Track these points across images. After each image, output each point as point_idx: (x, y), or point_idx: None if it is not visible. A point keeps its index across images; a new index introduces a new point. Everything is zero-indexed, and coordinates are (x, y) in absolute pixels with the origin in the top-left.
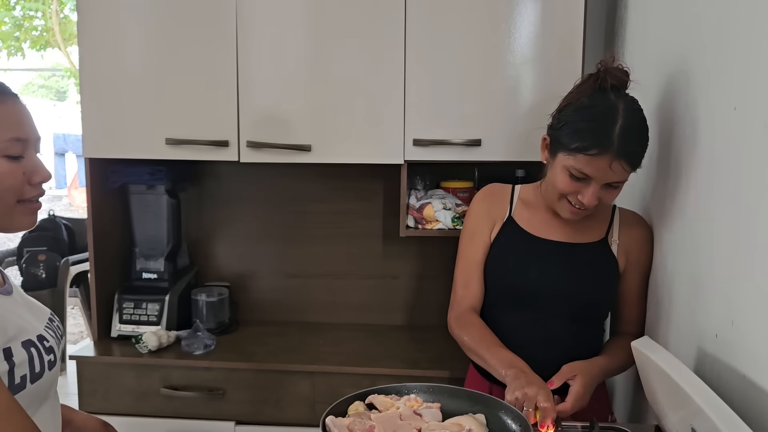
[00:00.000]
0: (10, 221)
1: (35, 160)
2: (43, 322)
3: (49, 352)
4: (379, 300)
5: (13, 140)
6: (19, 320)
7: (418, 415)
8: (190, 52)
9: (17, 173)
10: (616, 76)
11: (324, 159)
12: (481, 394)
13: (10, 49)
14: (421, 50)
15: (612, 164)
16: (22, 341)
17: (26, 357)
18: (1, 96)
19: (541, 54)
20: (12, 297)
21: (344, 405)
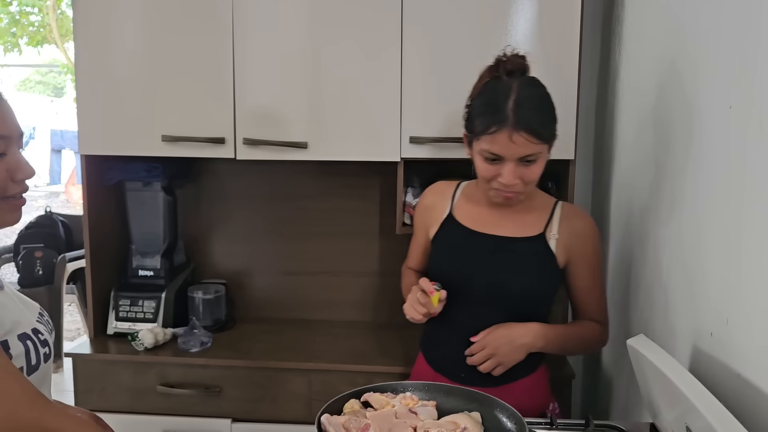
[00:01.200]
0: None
1: (18, 157)
2: (34, 315)
3: (44, 344)
4: (375, 297)
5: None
6: (14, 314)
7: (413, 413)
8: (187, 49)
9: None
10: (514, 62)
11: (320, 156)
12: (476, 392)
13: (7, 45)
14: (417, 47)
15: (513, 137)
16: (18, 334)
17: (23, 350)
18: None
19: (538, 51)
20: (4, 291)
21: (339, 403)
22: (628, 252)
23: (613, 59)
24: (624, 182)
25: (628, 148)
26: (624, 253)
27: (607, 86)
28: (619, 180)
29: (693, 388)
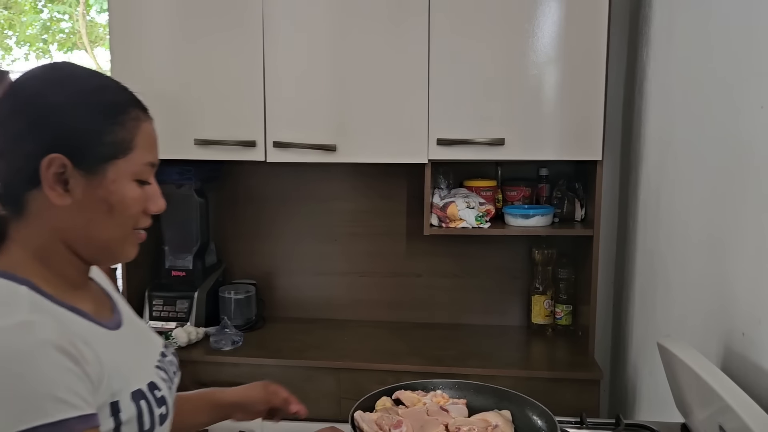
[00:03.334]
0: (121, 250)
1: (156, 188)
2: (153, 359)
3: (160, 403)
4: (403, 298)
5: (148, 165)
6: (127, 365)
7: (444, 410)
8: (218, 55)
9: (141, 200)
10: None
11: (349, 159)
12: (506, 390)
13: (38, 51)
14: (444, 50)
15: None
16: (132, 391)
17: (135, 412)
18: (143, 113)
19: (565, 53)
20: (119, 332)
21: (371, 400)
22: (657, 252)
23: (640, 59)
24: (652, 183)
25: (656, 149)
26: (653, 254)
27: (634, 86)
28: (647, 181)
29: (727, 387)
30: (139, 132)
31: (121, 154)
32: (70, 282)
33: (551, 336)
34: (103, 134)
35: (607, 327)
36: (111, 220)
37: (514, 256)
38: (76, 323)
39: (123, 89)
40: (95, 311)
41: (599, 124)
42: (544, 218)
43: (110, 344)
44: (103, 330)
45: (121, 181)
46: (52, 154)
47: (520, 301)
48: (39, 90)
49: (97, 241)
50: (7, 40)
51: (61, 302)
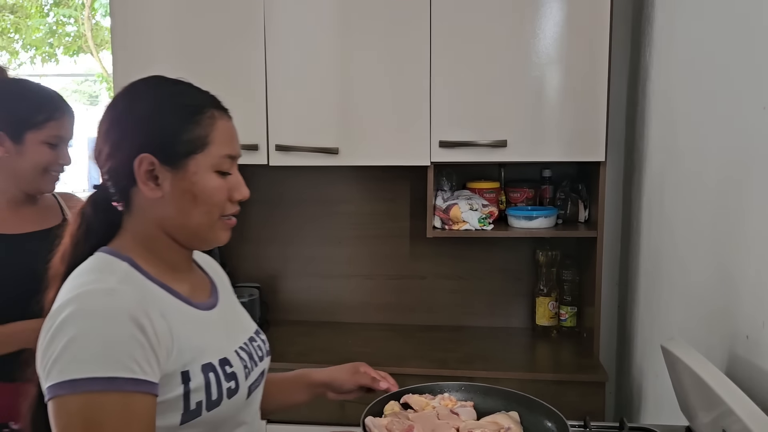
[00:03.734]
0: (211, 235)
1: (238, 178)
2: (237, 341)
3: (230, 378)
4: (407, 300)
5: (225, 157)
6: (204, 341)
7: (454, 413)
8: (220, 59)
9: (224, 189)
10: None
11: (351, 161)
12: (514, 392)
13: (44, 55)
14: (446, 52)
15: None
16: (203, 364)
17: (203, 382)
18: (219, 111)
19: (567, 54)
20: (208, 313)
21: (380, 405)
22: (661, 254)
23: (643, 60)
24: (656, 184)
25: (660, 150)
26: (657, 255)
27: (638, 87)
28: (651, 181)
29: (730, 390)
30: (215, 128)
31: (199, 149)
32: (169, 265)
33: (556, 338)
34: (181, 133)
35: (612, 329)
36: (197, 208)
37: (517, 258)
38: (161, 298)
39: (200, 92)
40: (189, 292)
41: (602, 125)
42: (548, 220)
43: (192, 321)
44: (190, 308)
45: (201, 173)
46: (142, 154)
47: (525, 303)
48: (130, 102)
49: (189, 228)
50: (14, 44)
51: (154, 279)
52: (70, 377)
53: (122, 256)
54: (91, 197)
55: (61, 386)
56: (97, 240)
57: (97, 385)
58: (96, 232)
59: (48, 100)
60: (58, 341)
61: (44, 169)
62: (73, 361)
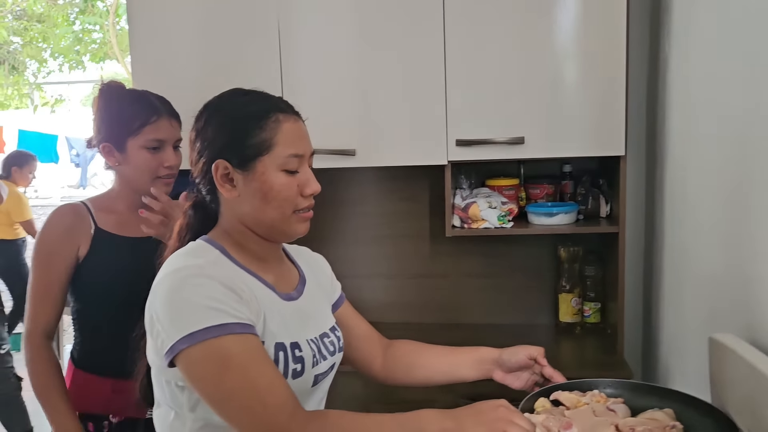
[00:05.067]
0: (288, 229)
1: (308, 174)
2: (310, 333)
3: (297, 361)
4: (429, 299)
5: (291, 156)
6: (282, 324)
7: (611, 410)
8: (236, 61)
9: (292, 186)
10: None
11: (368, 162)
12: (665, 388)
13: (72, 62)
14: (461, 50)
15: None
16: (276, 342)
17: (273, 357)
18: (284, 114)
19: (584, 48)
20: (288, 303)
21: (530, 402)
22: (685, 247)
23: (663, 51)
24: (677, 177)
25: (682, 143)
26: (681, 249)
27: (657, 79)
28: (672, 174)
29: None
30: (279, 131)
31: (265, 151)
32: (255, 255)
33: (580, 334)
34: (248, 138)
35: (637, 324)
36: (268, 204)
37: (539, 255)
38: (248, 279)
39: (267, 99)
40: (274, 282)
41: (621, 119)
42: (568, 216)
43: (274, 306)
44: (274, 294)
45: (268, 173)
46: (218, 160)
47: (547, 299)
48: (208, 115)
49: (264, 223)
50: (43, 53)
51: (243, 266)
52: (186, 332)
53: (215, 244)
54: (193, 198)
55: (182, 341)
56: (195, 235)
57: (212, 333)
58: (195, 228)
59: (143, 104)
60: (162, 316)
61: (150, 174)
62: (184, 320)
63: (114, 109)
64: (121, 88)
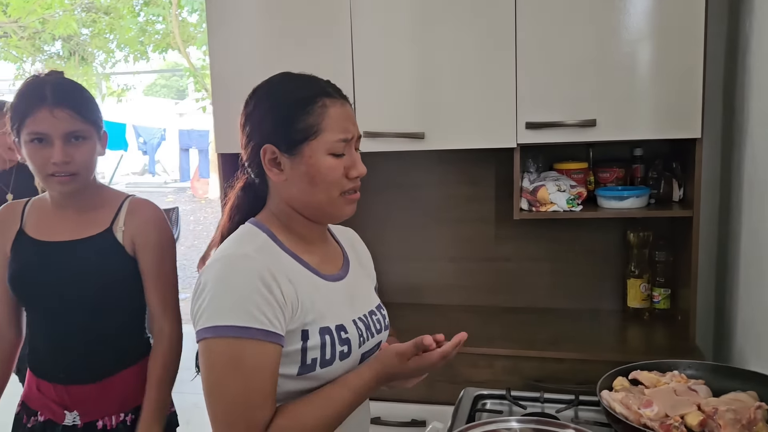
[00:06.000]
0: (335, 211)
1: (354, 157)
2: (356, 312)
3: (343, 343)
4: (493, 283)
5: (339, 141)
6: (325, 307)
7: (693, 390)
8: (309, 50)
9: (339, 169)
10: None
11: (437, 146)
12: (748, 371)
13: (136, 53)
14: (532, 31)
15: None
16: (321, 327)
17: (319, 342)
18: (331, 99)
19: (660, 28)
20: (333, 284)
21: (608, 380)
22: (762, 234)
23: (742, 30)
24: (757, 160)
25: (761, 125)
26: (757, 234)
27: (737, 59)
28: (752, 158)
29: None
30: (326, 116)
31: (312, 136)
32: (302, 237)
33: (648, 320)
34: (295, 123)
35: (710, 311)
36: (315, 187)
37: (607, 239)
38: (291, 266)
39: (314, 83)
40: (319, 263)
41: (698, 101)
42: (640, 199)
43: (317, 288)
44: (317, 277)
45: (316, 157)
46: (266, 144)
47: (615, 285)
48: (258, 100)
49: (311, 205)
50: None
51: (287, 249)
52: (213, 324)
53: (263, 228)
54: (243, 180)
55: (207, 331)
56: (245, 215)
57: (235, 332)
58: (245, 209)
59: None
60: (205, 295)
61: (38, 171)
62: (215, 311)
63: (15, 101)
64: (32, 78)
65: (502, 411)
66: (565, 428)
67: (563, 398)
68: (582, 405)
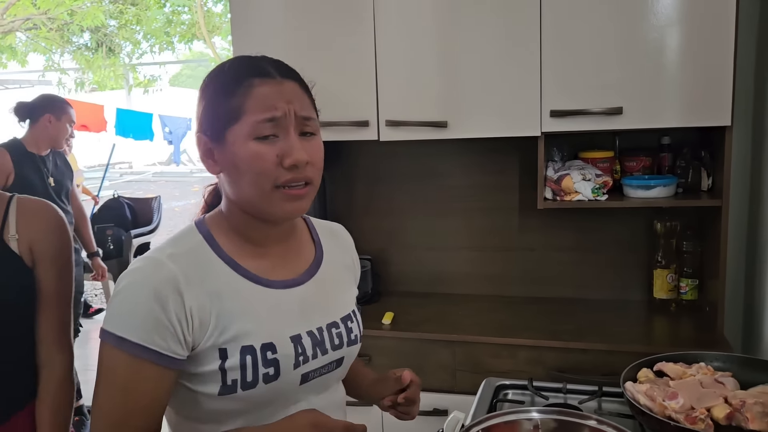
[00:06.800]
0: (270, 208)
1: (289, 142)
2: (311, 324)
3: (269, 364)
4: (516, 272)
5: (262, 121)
6: (256, 321)
7: (720, 383)
8: (332, 39)
9: (266, 157)
10: None
11: (460, 134)
12: None
13: (162, 44)
14: (557, 17)
15: None
16: (243, 345)
17: (238, 363)
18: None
19: (688, 14)
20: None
21: (633, 372)
22: None
23: None
24: None
25: None
26: None
27: None
28: None
29: None
30: (250, 96)
31: (234, 120)
32: (248, 239)
33: (675, 311)
34: (218, 107)
35: (738, 303)
36: (242, 179)
37: (633, 229)
38: (219, 275)
39: (246, 65)
40: (267, 269)
41: (728, 88)
42: (667, 189)
43: (248, 300)
44: (254, 287)
45: (238, 143)
46: (198, 134)
47: (641, 275)
48: (200, 90)
49: (246, 201)
50: (136, 35)
51: (223, 254)
52: (104, 326)
53: (203, 228)
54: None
55: (101, 331)
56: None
57: (113, 340)
58: (210, 210)
59: None
60: (113, 295)
61: None
62: (109, 315)
63: None
64: None
65: (523, 401)
66: (587, 419)
67: (586, 389)
68: (605, 396)
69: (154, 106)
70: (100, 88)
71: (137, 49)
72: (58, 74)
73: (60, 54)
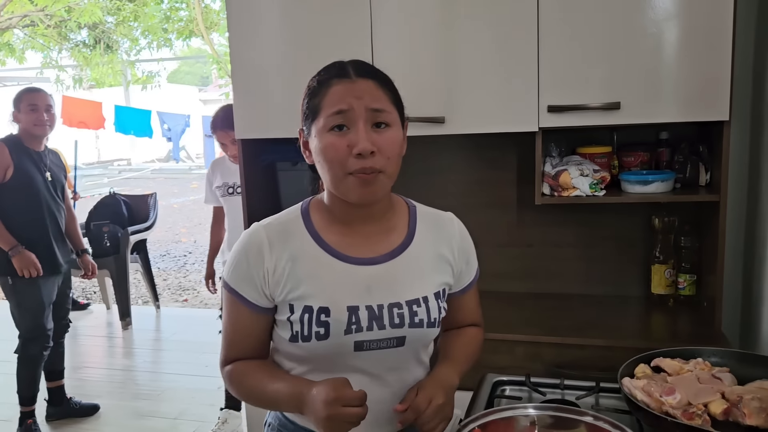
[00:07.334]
0: (345, 192)
1: (357, 133)
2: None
3: (321, 325)
4: (515, 268)
5: (334, 114)
6: (322, 287)
7: (717, 378)
8: (329, 35)
9: (339, 146)
10: None
11: (458, 130)
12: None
13: (159, 40)
14: (554, 11)
15: None
16: (305, 305)
17: (299, 318)
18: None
19: (686, 9)
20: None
21: (629, 367)
22: None
23: None
24: None
25: None
26: None
27: (766, 38)
28: None
29: None
30: (327, 94)
31: (314, 115)
32: (337, 218)
33: (673, 307)
34: (307, 105)
35: (736, 298)
36: (324, 167)
37: (631, 224)
38: (302, 244)
39: (329, 68)
40: (348, 245)
41: (726, 82)
42: (665, 184)
43: (321, 269)
44: (331, 258)
45: (319, 135)
46: (300, 128)
47: (639, 270)
48: None
49: (330, 185)
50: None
51: (311, 228)
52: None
53: (304, 206)
54: None
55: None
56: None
57: (224, 285)
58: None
59: None
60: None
61: None
62: (226, 265)
63: None
64: None
65: (521, 397)
66: (584, 415)
67: (584, 385)
68: (603, 392)
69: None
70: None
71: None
72: (56, 71)
73: (58, 51)
